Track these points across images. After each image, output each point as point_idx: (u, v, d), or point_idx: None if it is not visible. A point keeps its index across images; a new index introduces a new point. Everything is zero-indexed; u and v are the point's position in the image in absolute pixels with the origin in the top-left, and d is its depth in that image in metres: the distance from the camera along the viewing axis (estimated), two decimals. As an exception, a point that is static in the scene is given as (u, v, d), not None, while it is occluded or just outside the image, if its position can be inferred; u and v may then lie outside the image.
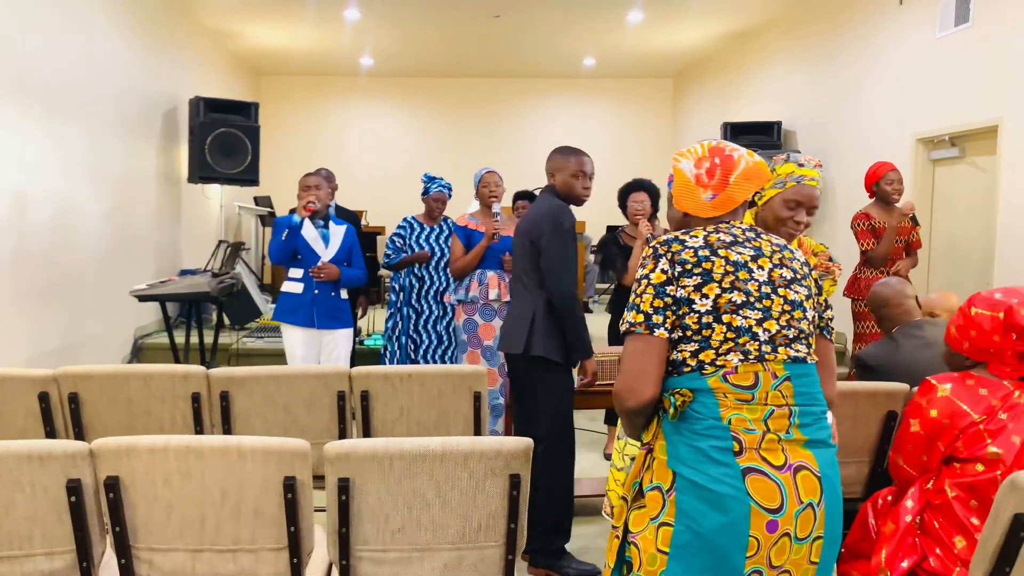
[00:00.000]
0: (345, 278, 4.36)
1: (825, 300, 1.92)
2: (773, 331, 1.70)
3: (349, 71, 11.13)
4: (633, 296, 1.75)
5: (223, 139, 7.48)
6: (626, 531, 1.75)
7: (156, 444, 1.92)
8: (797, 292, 1.76)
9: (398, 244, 5.12)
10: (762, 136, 8.02)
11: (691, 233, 1.77)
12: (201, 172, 7.46)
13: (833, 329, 1.90)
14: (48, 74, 5.33)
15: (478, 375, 3.00)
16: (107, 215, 6.22)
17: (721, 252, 1.73)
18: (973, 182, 5.51)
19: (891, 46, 6.31)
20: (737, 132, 8.14)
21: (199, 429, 2.89)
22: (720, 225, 1.81)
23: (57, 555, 1.97)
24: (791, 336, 1.71)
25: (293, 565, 2.00)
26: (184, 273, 6.90)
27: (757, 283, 1.71)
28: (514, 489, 2.01)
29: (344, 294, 4.40)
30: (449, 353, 5.07)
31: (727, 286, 1.69)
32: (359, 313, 5.36)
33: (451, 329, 5.07)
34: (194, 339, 5.76)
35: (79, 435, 2.85)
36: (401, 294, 5.21)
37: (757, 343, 1.68)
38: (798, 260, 1.81)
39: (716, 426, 1.65)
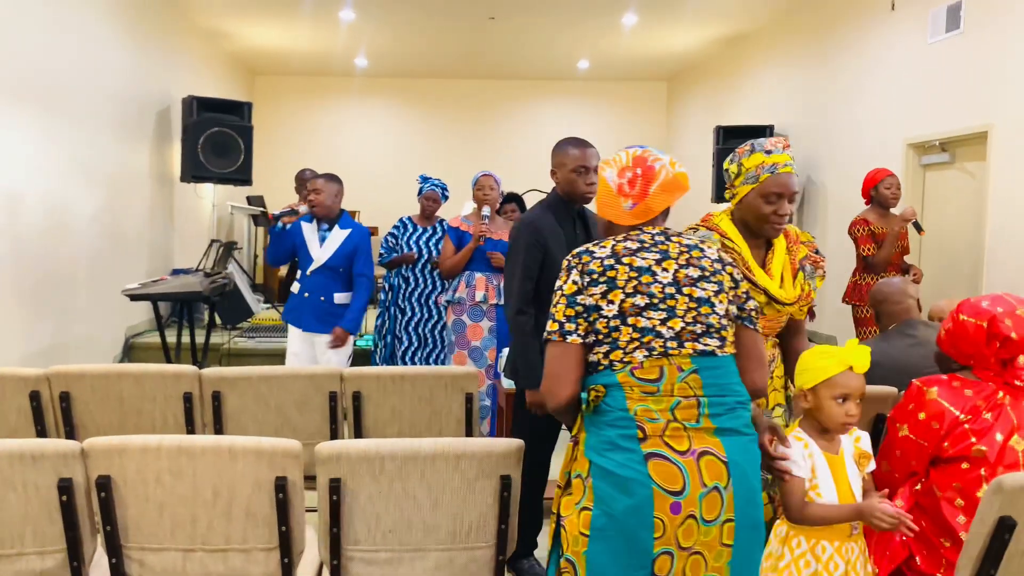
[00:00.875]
0: (353, 322, 4.34)
1: (745, 292, 1.97)
2: (678, 328, 1.82)
3: (344, 72, 11.13)
4: (551, 307, 1.89)
5: (216, 139, 7.47)
6: (558, 516, 1.88)
7: (148, 444, 1.93)
8: (704, 289, 1.86)
9: (390, 244, 5.15)
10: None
11: (601, 244, 1.91)
12: (194, 171, 7.45)
13: (757, 319, 1.97)
14: (41, 73, 5.32)
15: (470, 377, 3.01)
16: (99, 214, 6.20)
17: (625, 260, 1.86)
18: (963, 187, 5.55)
19: (883, 52, 6.35)
20: (729, 136, 8.17)
21: (191, 429, 2.90)
22: (631, 232, 1.93)
23: (48, 554, 1.97)
24: (699, 332, 1.83)
25: (284, 565, 2.01)
26: (176, 272, 6.89)
27: (661, 285, 1.84)
28: (505, 490, 2.02)
29: (340, 299, 4.37)
30: (433, 355, 5.08)
31: (631, 291, 1.83)
32: None
33: (436, 332, 5.10)
34: (186, 339, 5.75)
35: (70, 434, 2.85)
36: (390, 293, 5.24)
37: (662, 340, 1.81)
38: (708, 258, 1.91)
39: (623, 417, 1.78)
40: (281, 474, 1.94)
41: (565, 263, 1.91)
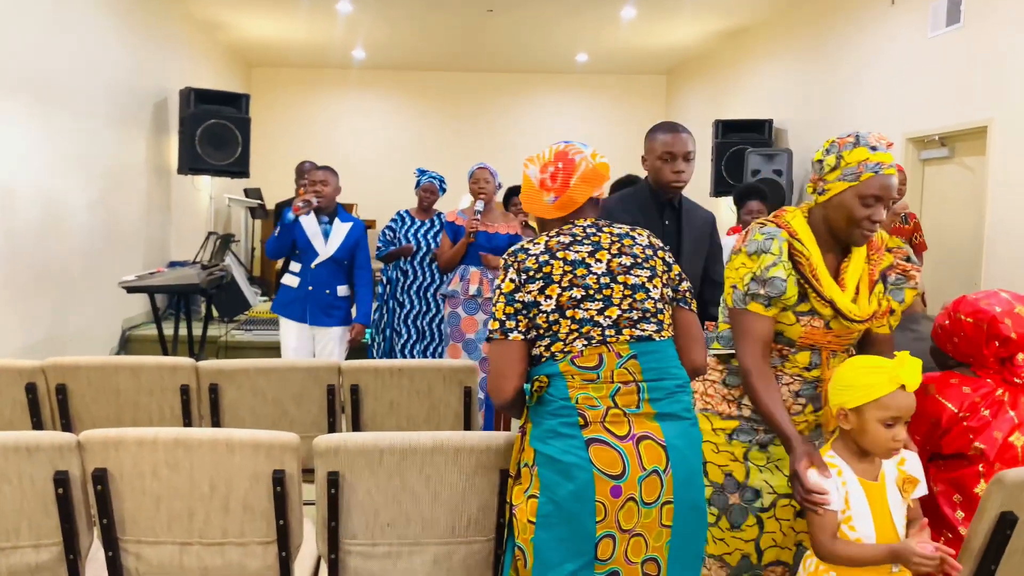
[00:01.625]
0: (368, 315, 4.41)
1: (679, 274, 2.03)
2: (615, 316, 1.88)
3: (341, 63, 11.08)
4: (492, 306, 1.94)
5: (213, 131, 7.44)
6: (511, 505, 1.92)
7: (144, 436, 1.91)
8: (638, 276, 1.92)
9: (388, 237, 5.14)
10: (753, 134, 8.03)
11: (535, 241, 1.96)
12: (191, 164, 7.42)
13: (692, 299, 2.05)
14: (37, 65, 5.29)
15: (469, 370, 3.00)
16: (96, 206, 6.18)
17: (559, 254, 1.91)
18: (962, 182, 5.54)
19: (882, 46, 6.33)
20: (728, 130, 8.15)
21: (188, 422, 2.88)
22: (563, 227, 1.98)
23: (44, 547, 1.96)
24: (635, 318, 1.89)
25: (282, 559, 2.00)
26: (173, 265, 6.87)
27: (596, 276, 1.90)
28: (504, 484, 2.01)
29: (342, 291, 4.37)
30: (432, 348, 5.08)
31: (566, 284, 1.88)
32: None
33: (435, 325, 5.10)
34: (183, 331, 5.73)
35: (67, 427, 2.83)
36: (388, 287, 5.23)
37: (600, 329, 1.86)
38: (639, 246, 1.97)
39: (565, 405, 1.84)
40: (279, 467, 1.93)
41: (502, 262, 1.97)
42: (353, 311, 4.46)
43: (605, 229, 1.98)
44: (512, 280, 1.91)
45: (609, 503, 1.78)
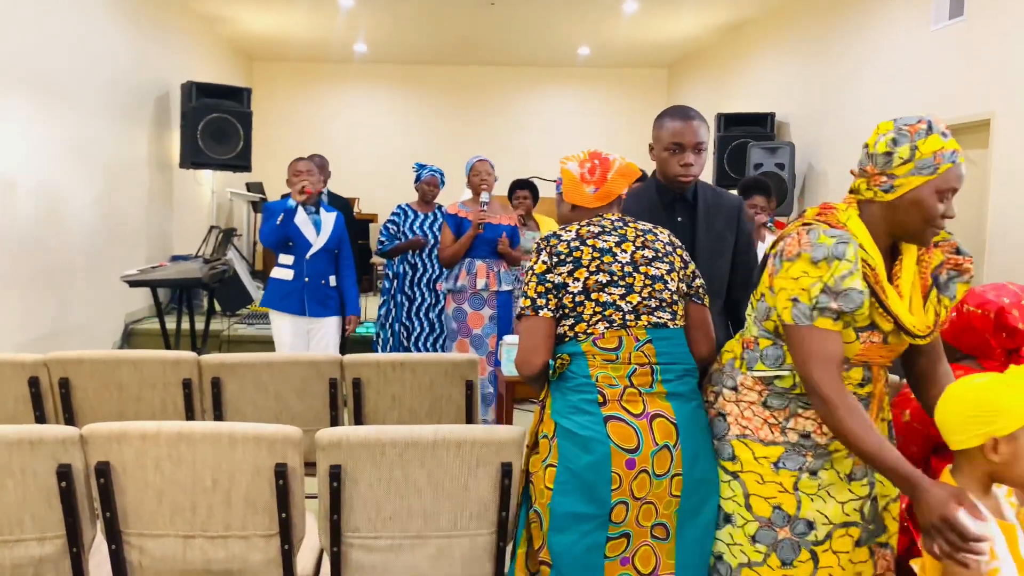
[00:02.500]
0: (354, 303, 4.43)
1: (693, 272, 2.15)
2: (635, 303, 2.02)
3: (342, 57, 11.07)
4: (523, 285, 2.09)
5: (215, 125, 7.44)
6: (527, 472, 2.07)
7: (147, 430, 1.92)
8: (658, 268, 2.07)
9: (392, 231, 5.12)
10: (755, 127, 8.02)
11: (567, 228, 2.11)
12: (193, 158, 7.42)
13: (705, 296, 2.16)
14: (39, 59, 5.29)
15: (470, 364, 3.00)
16: (98, 200, 6.18)
17: (589, 241, 2.06)
18: (965, 175, 5.53)
19: (885, 39, 6.31)
20: (730, 123, 8.13)
21: (190, 415, 2.89)
22: (593, 219, 2.14)
23: (48, 540, 1.96)
24: (653, 306, 2.03)
25: (284, 552, 2.00)
26: (175, 259, 6.87)
27: (620, 264, 2.04)
28: (505, 477, 2.01)
29: (334, 281, 4.39)
30: (441, 341, 5.08)
31: (594, 269, 2.02)
32: None
33: (442, 317, 5.08)
34: (185, 325, 5.74)
35: (69, 420, 2.84)
36: (395, 281, 5.21)
37: (621, 313, 2.00)
38: (660, 241, 2.12)
39: (586, 383, 1.98)
40: (281, 461, 1.94)
41: (535, 246, 2.11)
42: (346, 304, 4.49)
43: (631, 224, 2.13)
44: (544, 262, 2.06)
45: (624, 474, 1.92)
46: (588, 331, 2.00)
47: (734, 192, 3.27)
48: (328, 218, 4.36)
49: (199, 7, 8.53)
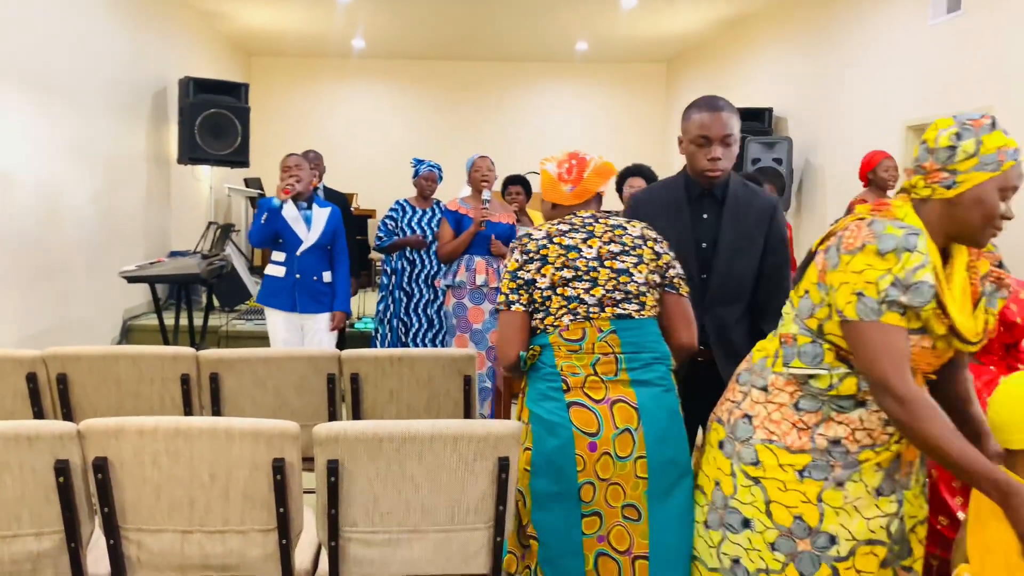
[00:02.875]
0: (344, 300, 4.36)
1: (666, 263, 2.23)
2: (600, 296, 2.13)
3: (341, 53, 11.05)
4: (500, 282, 2.22)
5: (213, 120, 7.43)
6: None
7: (145, 425, 1.92)
8: (624, 261, 2.17)
9: (390, 227, 5.11)
10: (754, 122, 8.01)
11: (540, 227, 2.24)
12: (191, 153, 7.42)
13: (681, 284, 2.24)
14: (36, 55, 5.28)
15: (468, 359, 3.00)
16: (96, 196, 6.17)
17: (556, 239, 2.19)
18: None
19: (883, 33, 6.31)
20: (729, 118, 8.12)
21: (188, 411, 2.89)
22: (566, 216, 2.26)
23: (45, 536, 1.97)
24: (618, 298, 2.14)
25: (282, 546, 2.01)
26: (174, 255, 6.87)
27: (586, 260, 2.16)
28: (503, 472, 2.02)
29: (327, 277, 4.36)
30: (440, 337, 5.08)
31: (559, 266, 2.16)
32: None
33: (442, 313, 5.08)
34: (184, 321, 5.74)
35: (67, 416, 2.84)
36: (393, 277, 5.21)
37: (585, 306, 2.13)
38: (629, 235, 2.22)
39: (552, 372, 2.13)
40: (279, 456, 1.94)
41: (511, 246, 2.26)
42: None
43: (601, 220, 2.24)
44: (516, 260, 2.21)
45: (588, 456, 2.07)
46: (555, 323, 2.14)
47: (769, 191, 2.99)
48: (321, 214, 4.32)
49: (197, 2, 8.51)
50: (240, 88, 7.79)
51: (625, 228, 2.23)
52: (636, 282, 2.16)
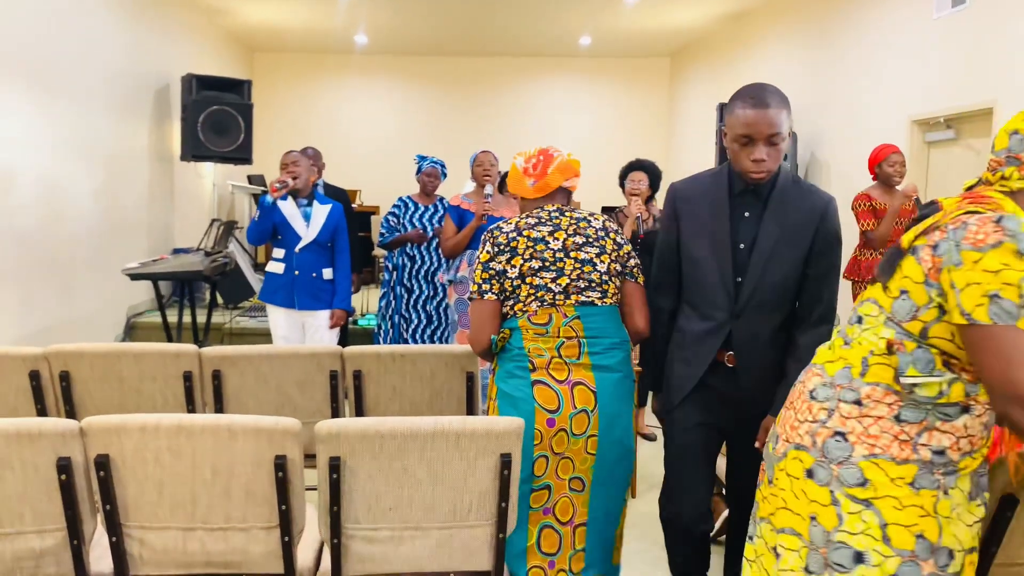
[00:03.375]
0: (344, 298, 4.36)
1: (627, 253, 2.45)
2: (565, 284, 2.34)
3: (343, 49, 11.04)
4: (472, 272, 2.43)
5: (216, 117, 7.43)
6: None
7: (147, 422, 1.92)
8: (588, 252, 2.38)
9: (392, 223, 5.11)
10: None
11: (509, 221, 2.41)
12: (194, 150, 7.42)
13: (638, 274, 2.46)
14: (38, 51, 5.28)
15: (471, 355, 3.00)
16: (99, 193, 6.18)
17: (525, 232, 2.37)
18: (968, 164, 5.51)
19: (887, 27, 6.28)
20: (733, 113, 8.10)
21: (191, 408, 2.89)
22: (533, 211, 2.44)
23: (48, 533, 1.97)
24: (582, 286, 2.35)
25: (284, 543, 2.00)
26: (177, 252, 6.88)
27: (552, 251, 2.35)
28: (505, 469, 2.01)
29: (327, 274, 4.35)
30: (439, 334, 5.07)
31: (528, 257, 2.35)
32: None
33: (442, 309, 5.08)
34: (187, 318, 5.75)
35: (70, 413, 2.84)
36: (395, 273, 5.21)
37: (552, 294, 2.33)
38: (593, 228, 2.42)
39: (520, 353, 2.35)
40: (280, 453, 1.94)
41: (483, 237, 2.42)
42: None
43: (567, 214, 2.43)
44: (488, 252, 2.39)
45: (545, 431, 2.30)
46: (523, 309, 2.34)
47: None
48: (321, 210, 4.31)
49: (199, -1, 8.51)
50: (243, 85, 7.79)
51: (589, 221, 2.43)
52: (599, 271, 2.37)
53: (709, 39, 10.11)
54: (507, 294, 2.35)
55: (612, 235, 2.42)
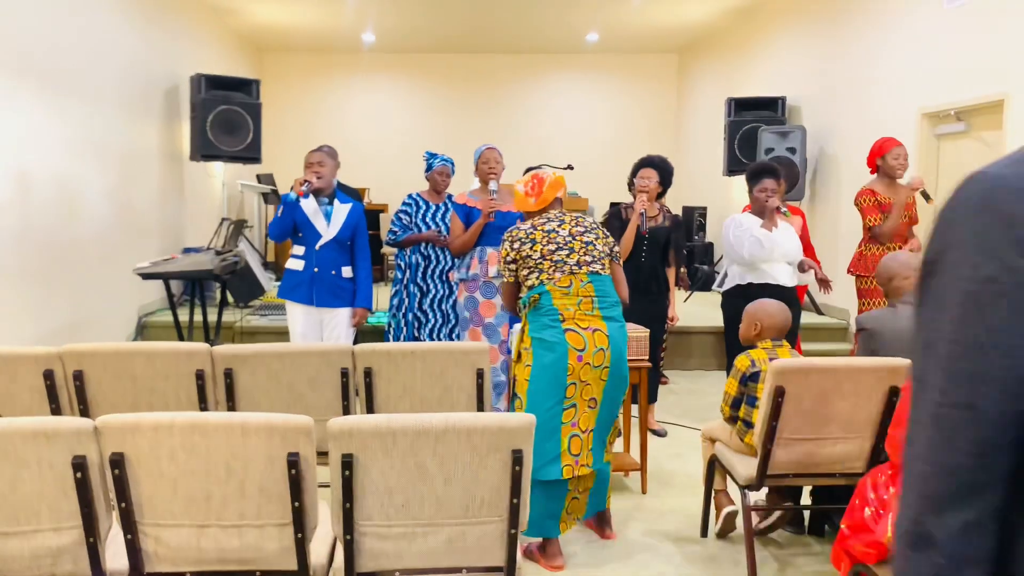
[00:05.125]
0: (366, 296, 4.39)
1: (612, 241, 3.29)
2: (576, 259, 3.12)
3: (351, 47, 11.07)
4: (499, 264, 3.31)
5: (225, 116, 7.46)
6: (514, 378, 3.17)
7: (160, 421, 1.93)
8: (588, 237, 3.19)
9: (404, 222, 5.09)
10: (766, 111, 7.96)
11: (524, 222, 3.25)
12: (203, 150, 7.45)
13: (619, 256, 3.32)
14: (49, 51, 5.31)
15: (480, 352, 3.01)
16: (110, 193, 6.21)
17: (539, 227, 3.18)
18: (979, 157, 5.48)
19: (897, 20, 6.25)
20: (741, 108, 8.08)
21: (203, 406, 2.91)
22: (540, 215, 3.25)
23: (64, 531, 1.99)
24: (588, 260, 3.14)
25: (298, 540, 2.02)
26: (187, 251, 6.90)
27: (563, 236, 3.15)
28: (516, 464, 2.02)
29: (347, 272, 4.37)
30: (457, 332, 5.08)
31: (545, 242, 3.13)
32: None
33: (456, 307, 5.08)
34: (198, 317, 5.77)
35: (84, 412, 2.87)
36: (407, 272, 5.20)
37: (568, 266, 3.11)
38: (587, 221, 3.24)
39: (551, 309, 3.07)
40: (293, 450, 1.95)
41: (503, 237, 3.24)
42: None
43: (567, 213, 3.26)
44: (507, 248, 3.19)
45: (576, 365, 3.02)
46: (549, 277, 3.09)
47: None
48: (341, 209, 4.34)
49: (207, -1, 8.53)
50: (252, 84, 7.81)
51: (584, 217, 3.26)
52: (598, 250, 3.19)
53: (717, 34, 10.07)
54: (530, 271, 3.11)
55: (597, 230, 3.25)
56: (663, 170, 4.67)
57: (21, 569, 1.99)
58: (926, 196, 4.87)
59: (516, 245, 3.14)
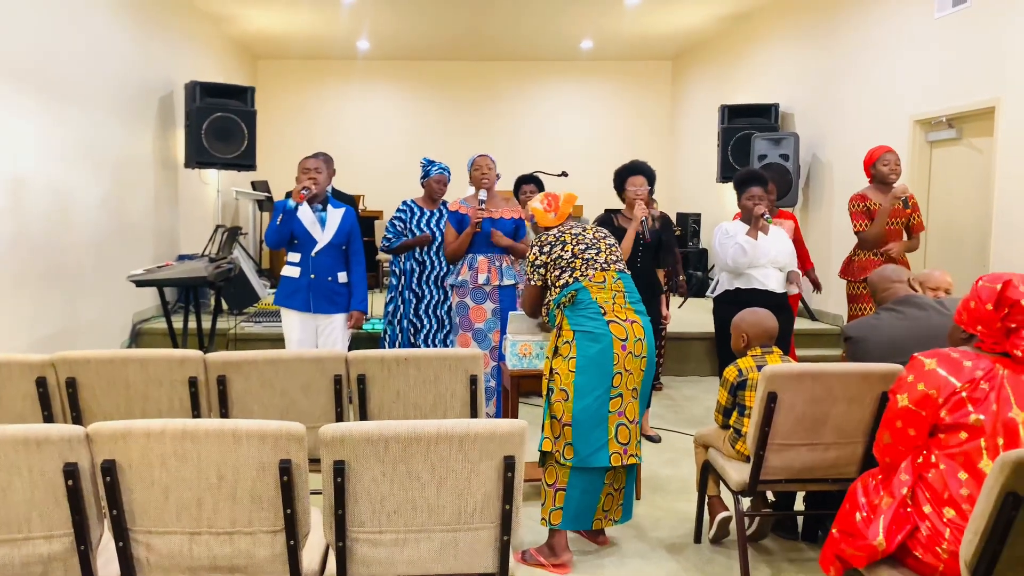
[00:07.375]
0: (362, 299, 4.39)
1: (615, 249, 3.45)
2: (604, 258, 3.30)
3: (346, 55, 11.08)
4: (526, 266, 3.43)
5: (219, 124, 7.46)
6: (552, 371, 3.22)
7: (152, 428, 1.93)
8: (608, 240, 3.37)
9: (399, 228, 5.10)
10: (759, 118, 7.99)
11: (552, 229, 3.42)
12: (198, 157, 7.45)
13: (621, 263, 3.43)
14: (43, 58, 5.31)
15: (474, 358, 3.01)
16: (104, 200, 6.21)
17: (566, 232, 3.35)
18: (970, 164, 5.51)
19: (889, 27, 6.28)
20: (735, 115, 8.11)
21: (196, 413, 2.91)
22: (562, 225, 3.44)
23: (55, 538, 1.98)
24: (614, 260, 3.33)
25: (290, 547, 2.02)
26: (182, 258, 6.90)
27: (588, 239, 3.33)
28: (508, 471, 2.02)
29: (342, 278, 4.38)
30: (452, 338, 5.09)
31: (575, 244, 3.30)
32: None
33: (451, 313, 5.10)
34: (192, 324, 5.77)
35: (77, 419, 2.86)
36: (402, 278, 5.21)
37: (599, 263, 3.28)
38: (600, 233, 3.40)
39: (591, 303, 3.21)
40: (285, 457, 1.95)
41: (532, 242, 3.41)
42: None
43: (587, 225, 3.45)
44: (535, 253, 3.35)
45: (620, 354, 3.15)
46: (584, 274, 3.23)
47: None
48: (335, 214, 4.35)
49: (203, 6, 8.54)
50: (246, 91, 7.82)
51: (599, 229, 3.44)
52: (616, 252, 3.38)
53: (711, 41, 10.11)
54: (562, 271, 3.27)
55: (608, 239, 3.43)
56: (649, 175, 4.70)
57: (12, 577, 1.99)
58: (905, 204, 4.89)
59: (546, 249, 3.31)
